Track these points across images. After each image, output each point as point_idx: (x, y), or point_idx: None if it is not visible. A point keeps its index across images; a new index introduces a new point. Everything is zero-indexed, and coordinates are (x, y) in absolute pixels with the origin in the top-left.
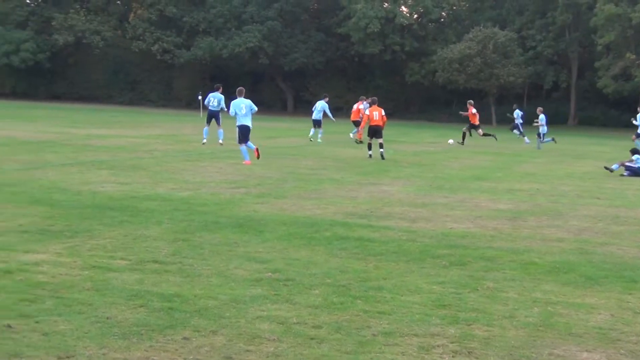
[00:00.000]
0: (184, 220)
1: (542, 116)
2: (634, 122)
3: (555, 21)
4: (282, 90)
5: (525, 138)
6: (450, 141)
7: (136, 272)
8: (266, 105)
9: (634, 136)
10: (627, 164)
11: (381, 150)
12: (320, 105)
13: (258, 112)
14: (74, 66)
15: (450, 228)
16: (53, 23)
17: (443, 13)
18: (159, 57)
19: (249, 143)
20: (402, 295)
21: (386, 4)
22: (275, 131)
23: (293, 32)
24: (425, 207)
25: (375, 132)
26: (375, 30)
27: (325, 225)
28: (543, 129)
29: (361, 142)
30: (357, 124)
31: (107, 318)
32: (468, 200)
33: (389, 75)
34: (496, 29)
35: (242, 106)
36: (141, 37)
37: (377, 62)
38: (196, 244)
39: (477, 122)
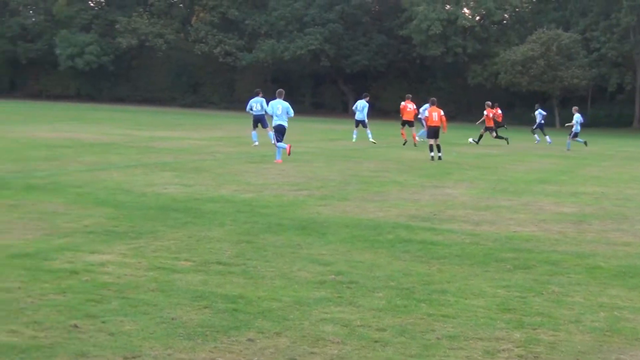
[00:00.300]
0: (247, 222)
1: (577, 115)
2: None
3: (619, 22)
4: (343, 93)
5: (536, 136)
6: (470, 140)
7: (200, 274)
8: (327, 108)
9: None
10: None
11: (439, 153)
12: (362, 105)
13: (320, 114)
14: (137, 69)
15: (514, 231)
16: (117, 26)
17: (506, 15)
18: (221, 60)
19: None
20: (466, 299)
21: (448, 6)
22: (337, 133)
23: (355, 35)
24: (489, 210)
25: (435, 132)
26: (437, 32)
27: (388, 227)
28: (576, 129)
29: (406, 141)
30: (409, 123)
31: (172, 319)
32: (532, 204)
33: (451, 77)
34: (560, 31)
35: (279, 107)
36: (203, 40)
37: (439, 64)
38: (259, 246)
39: (491, 125)
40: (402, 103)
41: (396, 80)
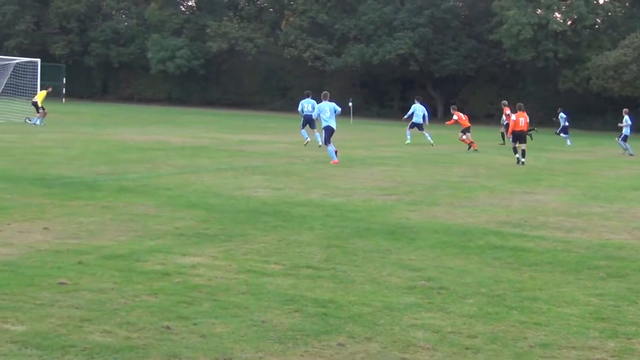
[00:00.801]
0: (336, 226)
1: (626, 117)
2: None
3: None
4: (432, 97)
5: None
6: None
7: (290, 277)
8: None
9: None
10: None
11: (523, 158)
12: (420, 109)
13: (409, 119)
14: (227, 73)
15: (607, 239)
16: (207, 30)
17: (598, 19)
18: (310, 64)
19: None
20: (558, 307)
21: (539, 10)
22: (425, 138)
23: (444, 39)
24: (581, 217)
25: (520, 137)
26: (528, 37)
27: (478, 233)
28: (626, 131)
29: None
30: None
31: (263, 322)
32: (625, 211)
33: (541, 82)
34: None
35: (327, 109)
36: (293, 44)
37: (529, 69)
38: (349, 250)
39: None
40: (457, 115)
41: (485, 84)
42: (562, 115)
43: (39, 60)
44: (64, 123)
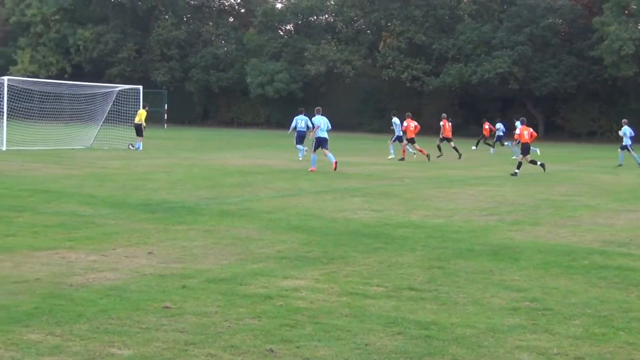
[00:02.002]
0: (438, 247)
1: (625, 128)
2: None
3: None
4: (532, 116)
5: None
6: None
7: (392, 299)
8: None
9: None
10: None
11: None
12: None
13: (510, 137)
14: (325, 95)
15: None
16: (305, 54)
17: None
18: (408, 85)
19: (330, 155)
20: None
21: None
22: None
23: (544, 57)
24: None
25: (527, 149)
26: (630, 53)
27: (582, 253)
28: (626, 141)
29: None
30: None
31: (366, 345)
32: None
33: None
34: None
35: (322, 122)
36: (391, 66)
37: (632, 85)
38: (451, 272)
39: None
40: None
41: (586, 102)
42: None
43: (140, 87)
44: (166, 148)
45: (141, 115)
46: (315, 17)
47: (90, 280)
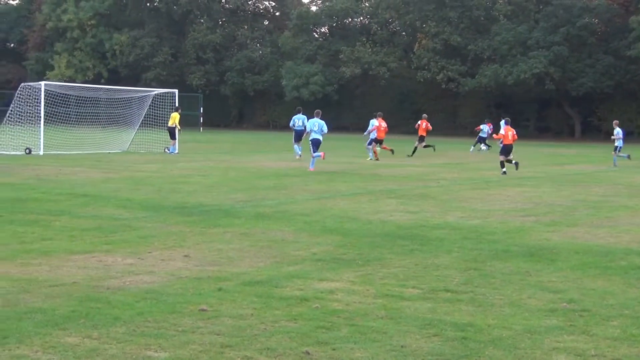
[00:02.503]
0: (474, 249)
1: (617, 130)
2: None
3: None
4: (569, 116)
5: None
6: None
7: (428, 301)
8: (553, 132)
9: None
10: None
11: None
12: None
13: (546, 138)
14: (360, 97)
15: None
16: (340, 56)
17: None
18: (443, 86)
19: (315, 156)
20: None
21: None
22: (564, 157)
23: (580, 57)
24: None
25: (508, 150)
26: None
27: (620, 254)
28: (618, 143)
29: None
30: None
31: (402, 347)
32: None
33: None
34: None
35: (316, 124)
36: (426, 67)
37: None
38: (487, 273)
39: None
40: (375, 121)
41: (624, 101)
42: (483, 125)
43: (176, 90)
44: (202, 151)
45: (174, 118)
46: (350, 19)
47: (127, 283)
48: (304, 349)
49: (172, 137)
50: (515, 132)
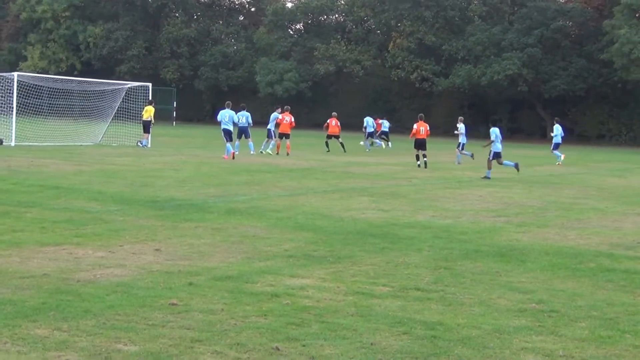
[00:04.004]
0: (445, 248)
1: (461, 125)
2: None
3: None
4: (541, 118)
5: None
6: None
7: (399, 299)
8: (525, 133)
9: None
10: None
11: (425, 159)
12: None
13: (517, 139)
14: (334, 95)
15: None
16: (315, 53)
17: None
18: (417, 85)
19: (232, 144)
20: None
21: None
22: (535, 159)
23: (553, 59)
24: None
25: (422, 144)
26: None
27: (589, 256)
28: (463, 139)
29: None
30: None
31: (371, 344)
32: None
33: None
34: None
35: (227, 115)
36: (400, 66)
37: None
38: (457, 273)
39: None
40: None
41: (596, 104)
42: (368, 119)
43: (150, 84)
44: (175, 146)
45: (149, 111)
46: (325, 17)
47: (98, 276)
48: (274, 345)
49: (146, 130)
50: (427, 127)
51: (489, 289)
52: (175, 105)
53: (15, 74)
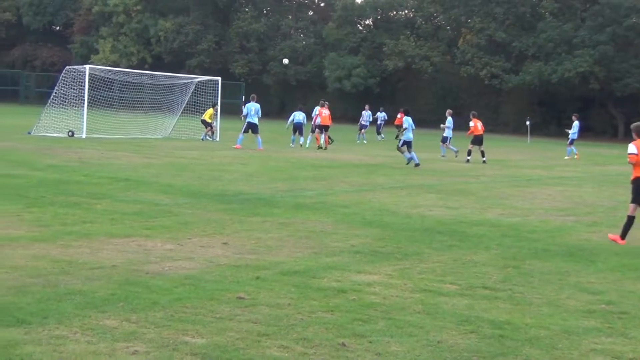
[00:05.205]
0: (513, 246)
1: (449, 119)
2: None
3: None
4: (612, 116)
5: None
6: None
7: (466, 297)
8: (595, 132)
9: None
10: None
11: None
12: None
13: (588, 138)
14: (402, 91)
15: None
16: (384, 49)
17: None
18: (486, 82)
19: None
20: None
21: None
22: (606, 158)
23: (626, 57)
24: None
25: (481, 140)
26: None
27: None
28: (448, 133)
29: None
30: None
31: (438, 342)
32: None
33: None
34: None
35: (253, 108)
36: (470, 62)
37: None
38: (526, 272)
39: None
40: (318, 108)
41: None
42: (365, 113)
43: (219, 78)
44: (243, 140)
45: (207, 113)
46: (394, 12)
47: (166, 268)
48: (340, 341)
49: (206, 126)
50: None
51: (557, 289)
52: (243, 100)
53: (87, 67)
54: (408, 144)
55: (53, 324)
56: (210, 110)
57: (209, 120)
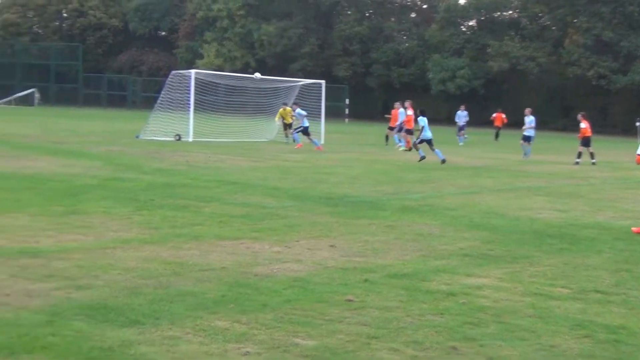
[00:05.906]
0: (626, 250)
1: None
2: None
3: None
4: None
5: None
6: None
7: (578, 301)
8: None
9: None
10: None
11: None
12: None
13: None
14: (507, 92)
15: None
16: (488, 50)
17: None
18: (594, 83)
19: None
20: None
21: None
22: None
23: None
24: None
25: (589, 142)
26: None
27: None
28: (529, 132)
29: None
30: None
31: (551, 346)
32: None
33: None
34: None
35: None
36: (576, 63)
37: None
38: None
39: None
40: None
41: None
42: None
43: (323, 81)
44: (347, 143)
45: (280, 114)
46: (498, 13)
47: (275, 270)
48: (451, 344)
49: (287, 127)
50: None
51: None
52: (347, 103)
53: (193, 71)
54: (429, 142)
55: (166, 324)
56: (281, 110)
57: (289, 121)
